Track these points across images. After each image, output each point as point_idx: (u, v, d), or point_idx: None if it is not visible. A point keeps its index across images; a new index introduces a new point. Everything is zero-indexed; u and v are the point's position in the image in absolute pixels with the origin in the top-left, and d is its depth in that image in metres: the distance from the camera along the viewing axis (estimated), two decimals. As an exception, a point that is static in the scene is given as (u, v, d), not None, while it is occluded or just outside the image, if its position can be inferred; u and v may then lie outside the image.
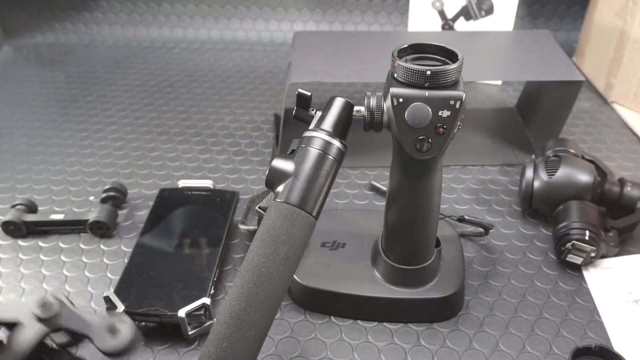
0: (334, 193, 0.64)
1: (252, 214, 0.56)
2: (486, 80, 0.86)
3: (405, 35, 0.87)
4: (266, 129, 0.77)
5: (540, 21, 0.99)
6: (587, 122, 0.77)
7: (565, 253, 0.53)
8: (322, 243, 0.52)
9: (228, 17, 1.03)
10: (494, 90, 0.86)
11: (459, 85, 0.37)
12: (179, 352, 0.47)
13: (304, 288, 0.49)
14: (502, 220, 0.60)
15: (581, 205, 0.54)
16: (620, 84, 0.79)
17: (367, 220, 0.55)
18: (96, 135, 0.75)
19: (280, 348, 0.47)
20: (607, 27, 0.81)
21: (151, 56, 0.97)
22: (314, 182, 0.37)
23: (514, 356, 0.46)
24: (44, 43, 1.03)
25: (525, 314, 0.50)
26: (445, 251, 0.50)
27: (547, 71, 0.65)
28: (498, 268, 0.54)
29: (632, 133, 0.75)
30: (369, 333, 0.48)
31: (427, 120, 0.37)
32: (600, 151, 0.71)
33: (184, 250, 0.52)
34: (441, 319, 0.49)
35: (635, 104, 0.78)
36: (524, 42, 0.73)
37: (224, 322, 0.35)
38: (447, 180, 0.66)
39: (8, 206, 0.60)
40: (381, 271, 0.49)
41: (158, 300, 0.47)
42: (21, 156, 0.72)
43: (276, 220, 0.36)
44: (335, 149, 0.38)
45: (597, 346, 0.45)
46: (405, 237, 0.47)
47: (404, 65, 0.37)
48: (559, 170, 0.56)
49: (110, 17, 1.03)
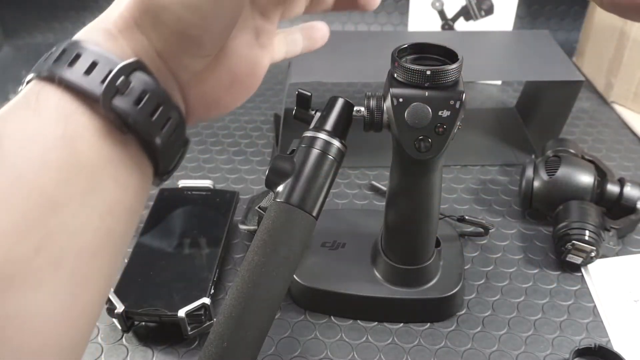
0: (334, 193, 0.64)
1: (252, 214, 0.56)
2: (486, 80, 0.86)
3: (405, 35, 0.87)
4: (266, 129, 0.77)
5: (540, 21, 0.99)
6: (587, 122, 0.77)
7: (565, 253, 0.53)
8: (322, 243, 0.52)
9: (228, 17, 1.02)
10: (494, 90, 0.86)
11: (459, 85, 0.37)
12: (178, 352, 0.47)
13: (304, 288, 0.49)
14: (502, 220, 0.60)
15: (581, 205, 0.54)
16: (620, 84, 0.79)
17: (367, 220, 0.55)
18: (96, 135, 0.75)
19: (280, 348, 0.47)
20: (607, 27, 0.81)
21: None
22: (314, 182, 0.37)
23: (514, 356, 0.46)
24: (44, 43, 1.03)
25: (525, 314, 0.50)
26: (445, 251, 0.50)
27: (547, 71, 0.65)
28: (498, 268, 0.54)
29: (632, 133, 0.75)
30: (369, 333, 0.48)
31: (427, 120, 0.37)
32: (600, 151, 0.71)
33: (184, 250, 0.52)
34: (441, 319, 0.49)
35: (635, 104, 0.78)
36: (524, 42, 0.73)
37: (224, 322, 0.35)
38: (447, 180, 0.66)
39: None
40: (381, 271, 0.49)
41: (158, 300, 0.47)
42: (21, 156, 0.72)
43: (276, 220, 0.36)
44: (335, 149, 0.38)
45: (597, 346, 0.45)
46: (405, 237, 0.47)
47: (404, 65, 0.37)
48: (559, 170, 0.56)
49: (110, 17, 1.03)
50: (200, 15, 0.26)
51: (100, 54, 0.25)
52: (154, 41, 0.27)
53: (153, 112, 0.26)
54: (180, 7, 0.25)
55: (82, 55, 0.25)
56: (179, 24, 0.26)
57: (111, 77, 0.25)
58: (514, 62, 0.69)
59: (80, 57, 0.25)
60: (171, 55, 0.27)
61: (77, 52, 0.25)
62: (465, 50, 0.38)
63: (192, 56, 0.28)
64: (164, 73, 0.28)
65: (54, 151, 0.23)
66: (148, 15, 0.26)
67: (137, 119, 0.25)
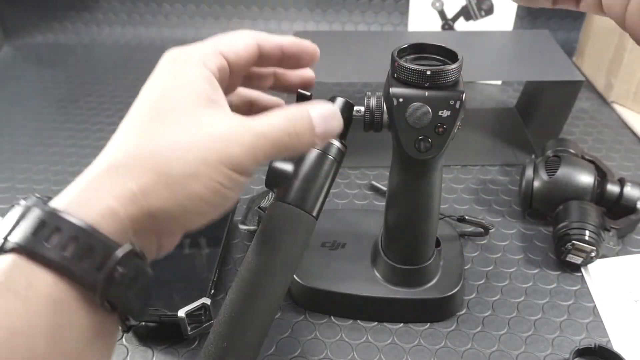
0: (334, 193, 0.64)
1: (252, 214, 0.56)
2: (486, 80, 0.86)
3: (405, 35, 0.87)
4: (266, 129, 0.76)
5: (540, 21, 0.99)
6: (587, 122, 0.77)
7: (565, 253, 0.53)
8: (322, 243, 0.52)
9: (228, 17, 1.02)
10: (494, 90, 0.86)
11: (459, 85, 0.37)
12: (179, 352, 0.47)
13: (304, 288, 0.49)
14: (502, 220, 0.60)
15: (581, 205, 0.54)
16: (620, 84, 0.79)
17: (367, 220, 0.55)
18: (96, 135, 0.75)
19: (280, 348, 0.47)
20: (607, 27, 0.81)
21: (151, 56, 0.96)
22: (314, 182, 0.37)
23: (514, 356, 0.46)
24: (44, 43, 1.03)
25: (525, 314, 0.50)
26: (445, 251, 0.50)
27: (547, 71, 0.65)
28: (498, 268, 0.54)
29: (632, 133, 0.75)
30: (369, 333, 0.48)
31: (427, 120, 0.37)
32: (600, 151, 0.71)
33: (184, 250, 0.52)
34: (441, 319, 0.49)
35: (635, 104, 0.78)
36: (524, 42, 0.73)
37: (224, 322, 0.35)
38: (447, 180, 0.66)
39: (8, 206, 0.60)
40: (381, 271, 0.49)
41: (158, 300, 0.46)
42: (21, 156, 0.72)
43: (276, 220, 0.36)
44: (335, 149, 0.38)
45: (597, 346, 0.45)
46: (405, 237, 0.47)
47: (404, 65, 0.37)
48: (559, 170, 0.56)
49: (110, 17, 1.03)
50: (206, 220, 0.27)
51: (96, 237, 0.24)
52: (148, 224, 0.26)
53: (139, 292, 0.26)
54: (189, 218, 0.27)
55: (80, 237, 0.24)
56: (184, 228, 0.28)
57: (109, 268, 0.24)
58: (514, 62, 0.68)
59: (77, 240, 0.24)
60: (162, 232, 0.28)
61: (72, 232, 0.24)
62: (465, 50, 0.38)
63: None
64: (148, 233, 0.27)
65: (40, 343, 0.23)
66: (151, 220, 0.26)
67: (126, 305, 0.25)
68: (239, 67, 0.31)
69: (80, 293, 0.24)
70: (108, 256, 0.24)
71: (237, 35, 0.32)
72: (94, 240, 0.24)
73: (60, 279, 0.23)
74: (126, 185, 0.25)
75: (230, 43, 0.31)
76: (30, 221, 0.24)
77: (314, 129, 0.29)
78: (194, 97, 0.27)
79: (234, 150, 0.26)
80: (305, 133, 0.29)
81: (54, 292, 0.23)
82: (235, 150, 0.26)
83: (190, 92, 0.28)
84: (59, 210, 0.24)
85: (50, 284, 0.23)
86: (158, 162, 0.26)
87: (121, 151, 0.26)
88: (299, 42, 0.34)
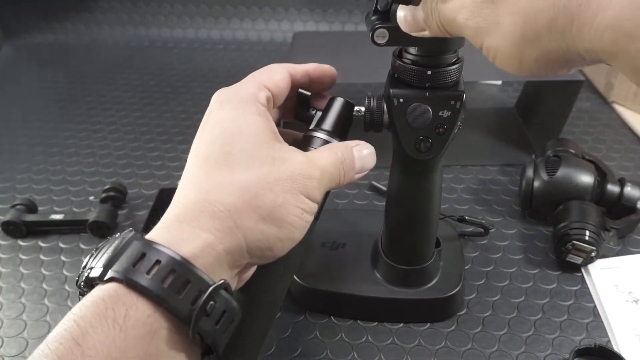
0: (334, 193, 0.64)
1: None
2: (486, 80, 0.86)
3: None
4: (266, 129, 0.76)
5: (540, 21, 0.99)
6: (587, 122, 0.77)
7: (565, 253, 0.53)
8: (322, 243, 0.52)
9: (228, 17, 1.02)
10: (494, 90, 0.86)
11: (459, 85, 0.37)
12: (179, 352, 0.46)
13: (304, 288, 0.49)
14: (502, 220, 0.60)
15: (581, 205, 0.54)
16: (620, 84, 0.79)
17: (367, 220, 0.55)
18: (96, 135, 0.75)
19: (280, 348, 0.47)
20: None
21: (151, 56, 0.97)
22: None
23: (514, 356, 0.46)
24: (44, 43, 1.03)
25: (526, 314, 0.50)
26: (445, 251, 0.50)
27: (547, 71, 0.65)
28: (498, 268, 0.54)
29: (632, 133, 0.75)
30: (369, 333, 0.48)
31: (428, 120, 0.37)
32: (600, 151, 0.71)
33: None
34: (441, 319, 0.49)
35: (635, 104, 0.78)
36: (524, 42, 0.73)
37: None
38: (447, 180, 0.66)
39: (8, 206, 0.60)
40: (381, 271, 0.49)
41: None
42: (21, 156, 0.72)
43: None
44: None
45: (597, 346, 0.45)
46: (405, 237, 0.47)
47: (404, 65, 0.37)
48: (559, 170, 0.56)
49: (110, 17, 1.03)
50: (292, 244, 0.31)
51: (192, 271, 0.26)
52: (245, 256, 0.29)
53: (227, 328, 0.28)
54: (281, 244, 0.30)
55: (177, 270, 0.25)
56: (274, 255, 0.31)
57: (203, 301, 0.25)
58: (514, 62, 0.68)
59: (175, 273, 0.25)
60: (250, 264, 0.31)
61: (170, 266, 0.25)
62: (465, 50, 0.38)
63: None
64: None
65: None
66: (244, 253, 0.29)
67: (215, 339, 0.27)
68: (280, 97, 0.35)
69: (174, 325, 0.25)
70: (204, 290, 0.26)
71: (272, 68, 0.35)
72: (190, 274, 0.26)
73: (156, 310, 0.25)
74: (222, 220, 0.27)
75: (269, 76, 0.34)
76: (130, 252, 0.26)
77: (355, 167, 0.34)
78: (260, 135, 0.31)
79: (310, 183, 0.31)
80: (349, 172, 0.34)
81: (149, 322, 0.25)
82: (311, 183, 0.31)
83: (256, 131, 0.31)
84: (158, 243, 0.26)
85: (147, 314, 0.25)
86: (249, 198, 0.28)
87: (202, 192, 0.29)
88: (321, 67, 0.37)
